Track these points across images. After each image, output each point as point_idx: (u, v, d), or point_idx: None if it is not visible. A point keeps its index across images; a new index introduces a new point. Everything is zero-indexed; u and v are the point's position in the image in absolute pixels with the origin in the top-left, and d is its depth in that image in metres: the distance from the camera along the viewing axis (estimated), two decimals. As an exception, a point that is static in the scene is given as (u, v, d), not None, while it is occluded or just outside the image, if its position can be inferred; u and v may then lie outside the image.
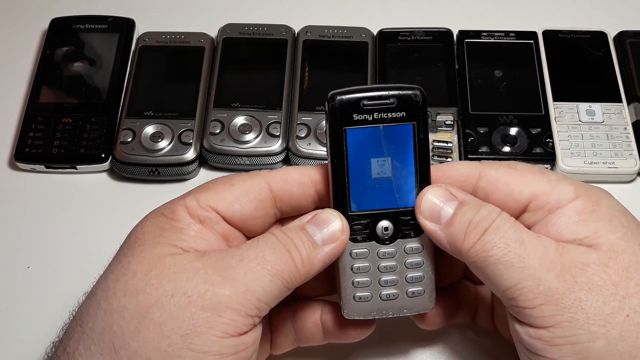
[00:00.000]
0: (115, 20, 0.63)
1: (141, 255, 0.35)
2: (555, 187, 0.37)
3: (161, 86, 0.60)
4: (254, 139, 0.56)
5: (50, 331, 0.38)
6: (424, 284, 0.39)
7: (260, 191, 0.38)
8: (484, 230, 0.35)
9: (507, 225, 0.35)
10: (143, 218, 0.38)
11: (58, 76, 0.60)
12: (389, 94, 0.36)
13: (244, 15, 0.64)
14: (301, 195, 0.39)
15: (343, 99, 0.36)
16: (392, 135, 0.37)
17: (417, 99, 0.36)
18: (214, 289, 0.34)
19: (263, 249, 0.35)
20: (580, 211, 0.36)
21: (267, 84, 0.59)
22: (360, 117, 0.36)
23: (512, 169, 0.38)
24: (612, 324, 0.33)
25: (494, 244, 0.34)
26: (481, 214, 0.35)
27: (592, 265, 0.34)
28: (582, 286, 0.33)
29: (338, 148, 0.37)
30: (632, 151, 0.55)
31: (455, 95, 0.59)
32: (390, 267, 0.38)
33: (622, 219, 0.36)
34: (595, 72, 0.60)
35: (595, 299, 0.33)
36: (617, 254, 0.34)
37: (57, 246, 0.54)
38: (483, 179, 0.38)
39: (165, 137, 0.56)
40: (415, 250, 0.38)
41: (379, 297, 0.39)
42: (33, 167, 0.57)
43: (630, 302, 0.33)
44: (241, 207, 0.38)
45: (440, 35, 0.62)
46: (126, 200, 0.56)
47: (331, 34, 0.62)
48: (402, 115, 0.36)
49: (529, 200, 0.37)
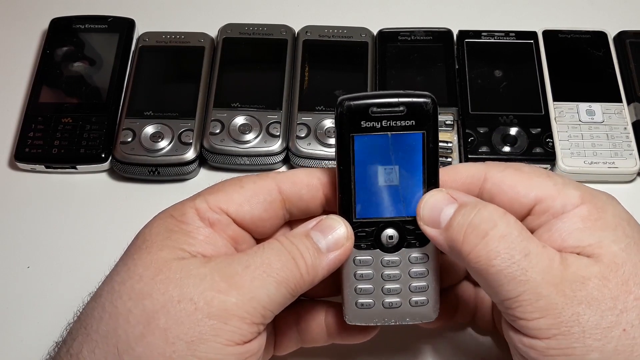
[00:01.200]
0: (115, 20, 0.63)
1: (147, 258, 0.35)
2: (561, 191, 0.37)
3: (161, 86, 0.60)
4: (254, 139, 0.56)
5: (51, 331, 0.38)
6: (427, 293, 0.39)
7: (270, 192, 0.38)
8: (485, 233, 0.34)
9: (514, 233, 0.34)
10: (151, 219, 0.38)
11: (58, 76, 0.60)
12: (398, 101, 0.35)
13: (244, 15, 0.64)
14: (310, 198, 0.39)
15: (352, 105, 0.35)
16: (400, 143, 0.36)
17: (428, 107, 0.35)
18: (221, 296, 0.33)
19: (269, 255, 0.35)
20: (585, 218, 0.36)
21: (267, 84, 0.59)
22: (368, 125, 0.35)
23: (518, 171, 0.38)
24: (607, 338, 0.33)
25: (498, 254, 0.34)
26: (481, 215, 0.35)
27: (593, 279, 0.33)
28: (581, 300, 0.33)
29: (345, 154, 0.36)
30: (632, 151, 0.55)
31: (455, 95, 0.59)
32: (394, 275, 0.38)
33: (627, 229, 0.35)
34: (595, 72, 0.60)
35: (593, 313, 0.33)
36: (617, 266, 0.34)
37: (57, 246, 0.54)
38: (489, 180, 0.38)
39: (165, 137, 0.56)
40: (420, 260, 0.38)
41: (382, 305, 0.38)
42: (33, 167, 0.57)
43: (627, 317, 0.33)
44: (251, 209, 0.38)
45: (440, 35, 0.62)
46: (126, 200, 0.56)
47: (331, 34, 0.62)
48: (412, 124, 0.35)
49: (534, 203, 0.37)
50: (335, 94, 0.58)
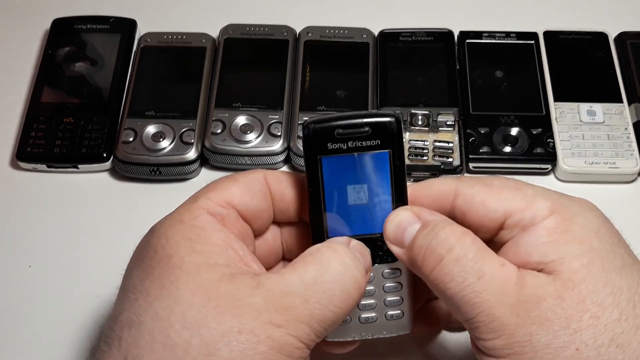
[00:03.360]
0: (117, 20, 0.63)
1: (191, 283, 0.33)
2: (530, 203, 0.36)
3: (163, 86, 0.60)
4: (255, 139, 0.56)
5: (51, 331, 0.38)
6: (402, 307, 0.39)
7: (262, 184, 0.39)
8: (441, 257, 0.34)
9: (469, 255, 0.34)
10: (159, 227, 0.36)
11: (60, 76, 0.60)
12: (362, 122, 0.36)
13: (245, 16, 0.64)
14: (290, 199, 0.39)
15: (317, 128, 0.36)
16: (367, 162, 0.37)
17: (392, 126, 0.36)
18: (282, 330, 0.33)
19: (332, 287, 0.34)
20: (552, 230, 0.35)
21: (269, 84, 0.59)
22: (335, 146, 0.36)
23: (487, 187, 0.38)
24: (559, 357, 0.33)
25: (452, 277, 0.34)
26: (438, 238, 0.35)
27: (548, 298, 0.33)
28: (534, 320, 0.33)
29: (314, 176, 0.37)
30: (633, 151, 0.55)
31: (456, 95, 0.59)
32: (368, 291, 0.38)
33: (594, 241, 0.35)
34: (596, 72, 0.60)
35: (545, 333, 0.33)
36: (574, 284, 0.33)
37: (59, 245, 0.54)
38: (459, 197, 0.38)
39: (167, 137, 0.56)
40: (392, 275, 0.39)
41: (358, 320, 0.39)
42: (35, 167, 0.57)
43: (581, 336, 0.33)
44: (251, 199, 0.38)
45: (441, 35, 0.62)
46: (127, 200, 0.56)
47: (332, 35, 0.62)
48: (377, 144, 0.36)
49: (504, 217, 0.37)
50: (337, 95, 0.59)
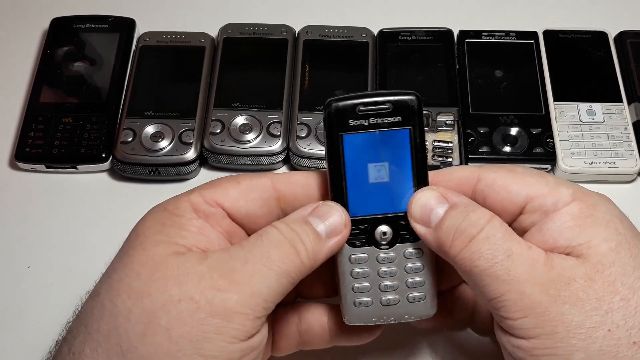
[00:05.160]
0: (116, 20, 0.63)
1: (143, 255, 0.35)
2: (552, 189, 0.37)
3: (161, 86, 0.60)
4: (255, 139, 0.56)
5: (51, 331, 0.38)
6: (424, 289, 0.39)
7: (266, 189, 0.38)
8: (472, 237, 0.35)
9: (498, 235, 0.35)
10: (146, 213, 0.38)
11: (58, 76, 0.60)
12: (384, 99, 0.36)
13: (245, 15, 0.64)
14: (305, 197, 0.39)
15: (339, 105, 0.37)
16: (388, 140, 0.37)
17: (413, 103, 0.37)
18: (222, 294, 0.33)
19: (267, 248, 0.35)
20: (577, 215, 0.36)
21: (268, 84, 0.59)
22: (356, 123, 0.36)
23: (510, 172, 0.38)
24: (592, 338, 0.33)
25: (481, 254, 0.34)
26: (469, 219, 0.35)
27: (578, 279, 0.33)
28: (566, 300, 0.33)
29: (335, 153, 0.37)
30: (633, 151, 0.55)
31: (456, 95, 0.59)
32: (390, 272, 0.38)
33: (619, 226, 0.35)
34: (596, 72, 0.60)
35: (578, 313, 0.33)
36: (604, 267, 0.34)
37: (58, 246, 0.54)
38: (482, 181, 0.38)
39: (166, 137, 0.56)
40: (414, 255, 0.38)
41: (380, 303, 0.39)
42: (33, 167, 0.57)
43: (613, 317, 0.33)
44: (246, 204, 0.38)
45: (440, 35, 0.62)
46: (126, 200, 0.56)
47: (332, 34, 0.62)
48: (398, 120, 0.37)
49: (525, 202, 0.37)
50: (336, 94, 0.58)
